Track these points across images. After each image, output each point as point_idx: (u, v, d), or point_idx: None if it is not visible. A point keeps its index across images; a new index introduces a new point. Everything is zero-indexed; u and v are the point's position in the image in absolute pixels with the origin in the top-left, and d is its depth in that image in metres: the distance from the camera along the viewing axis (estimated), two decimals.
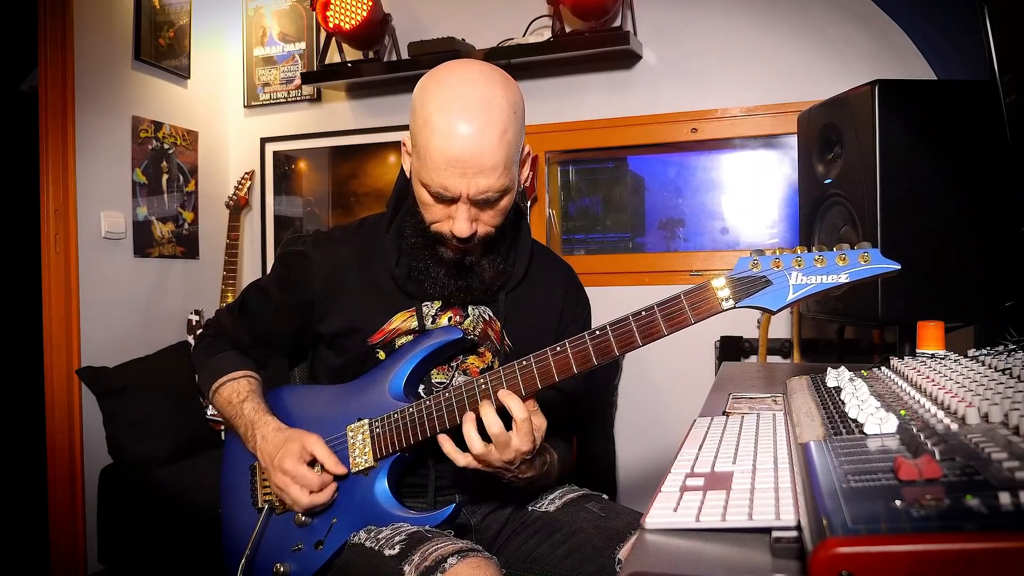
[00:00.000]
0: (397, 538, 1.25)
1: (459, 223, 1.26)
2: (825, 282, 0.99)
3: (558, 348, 1.18)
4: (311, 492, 1.34)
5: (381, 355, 1.42)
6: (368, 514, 1.34)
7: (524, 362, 1.21)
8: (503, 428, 1.20)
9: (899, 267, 0.97)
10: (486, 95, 1.23)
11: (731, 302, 1.05)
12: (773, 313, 1.04)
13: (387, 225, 1.44)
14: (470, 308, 1.43)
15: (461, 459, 1.23)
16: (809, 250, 1.01)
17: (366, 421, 1.36)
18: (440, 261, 1.35)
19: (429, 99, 1.24)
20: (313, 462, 1.36)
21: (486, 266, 1.37)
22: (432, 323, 1.42)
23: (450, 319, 1.42)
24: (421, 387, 1.42)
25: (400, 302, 1.42)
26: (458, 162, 1.21)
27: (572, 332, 1.46)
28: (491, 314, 1.44)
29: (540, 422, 1.24)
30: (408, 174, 1.36)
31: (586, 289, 1.59)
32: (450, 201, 1.26)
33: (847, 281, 0.98)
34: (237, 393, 1.48)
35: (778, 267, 1.02)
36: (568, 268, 1.59)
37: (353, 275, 1.44)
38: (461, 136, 1.20)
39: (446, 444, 1.24)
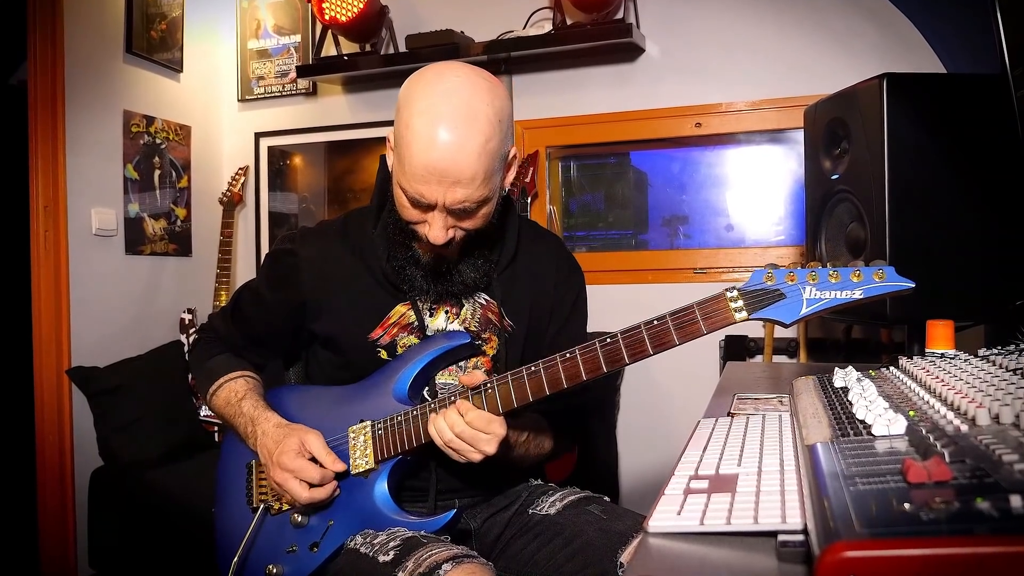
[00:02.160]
0: (392, 544, 1.25)
1: (434, 230, 1.26)
2: (839, 298, 1.02)
3: (567, 355, 1.19)
4: (311, 487, 1.34)
5: (383, 354, 1.43)
6: (366, 517, 1.34)
7: (532, 368, 1.22)
8: (465, 426, 1.23)
9: (913, 286, 0.99)
10: (471, 102, 1.22)
11: (744, 313, 1.07)
12: (786, 326, 1.05)
13: (374, 221, 1.45)
14: (463, 297, 1.44)
15: (448, 433, 1.25)
16: (824, 266, 1.03)
17: (368, 423, 1.37)
18: (416, 263, 1.36)
19: (413, 100, 1.24)
20: (313, 459, 1.36)
21: (466, 270, 1.38)
22: (430, 316, 1.42)
23: (447, 310, 1.43)
24: (426, 389, 1.42)
25: (395, 296, 1.43)
26: (436, 170, 1.20)
27: (568, 301, 1.52)
28: (487, 298, 1.45)
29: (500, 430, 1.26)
30: (390, 168, 1.35)
31: (588, 288, 1.59)
32: (426, 207, 1.26)
33: (860, 298, 1.01)
34: (235, 392, 1.48)
35: (792, 281, 1.04)
36: (556, 238, 1.61)
37: (345, 271, 1.44)
38: (441, 143, 1.19)
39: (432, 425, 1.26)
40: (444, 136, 1.19)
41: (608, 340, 1.16)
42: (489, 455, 1.24)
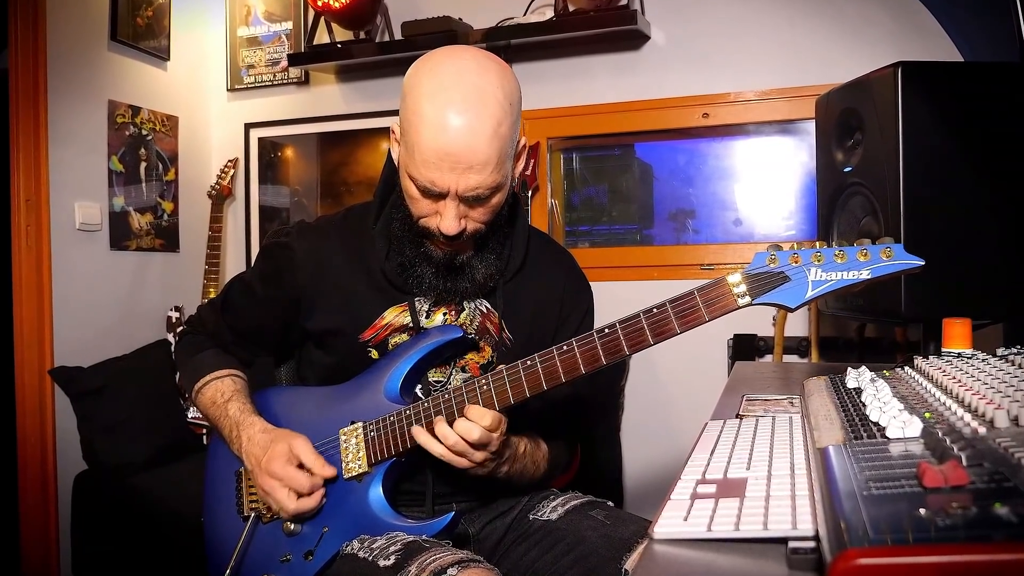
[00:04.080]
0: (392, 548, 1.25)
1: (447, 221, 1.26)
2: (845, 278, 1.01)
3: (564, 347, 1.19)
4: (299, 496, 1.34)
5: (374, 354, 1.43)
6: (361, 523, 1.34)
7: (528, 362, 1.22)
8: (483, 431, 1.23)
9: (923, 263, 0.99)
10: (480, 85, 1.22)
11: (747, 299, 1.06)
12: (791, 310, 1.05)
13: (375, 216, 1.45)
14: (465, 301, 1.43)
15: (437, 447, 1.26)
16: (829, 245, 1.03)
17: (360, 424, 1.37)
18: (428, 260, 1.36)
19: (420, 86, 1.24)
20: (301, 465, 1.36)
21: (478, 266, 1.38)
22: (426, 318, 1.42)
23: (445, 314, 1.43)
24: (418, 388, 1.42)
25: (391, 296, 1.42)
26: (448, 156, 1.21)
27: (574, 321, 1.51)
28: (488, 306, 1.45)
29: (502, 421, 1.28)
30: (396, 162, 1.36)
31: (591, 284, 1.59)
32: (438, 196, 1.26)
33: (868, 277, 1.00)
34: (221, 393, 1.48)
35: (796, 262, 1.03)
36: (568, 254, 1.61)
37: (341, 268, 1.44)
38: (452, 128, 1.20)
39: (421, 435, 1.27)
40: (455, 120, 1.20)
41: (606, 331, 1.16)
42: (493, 452, 1.26)
